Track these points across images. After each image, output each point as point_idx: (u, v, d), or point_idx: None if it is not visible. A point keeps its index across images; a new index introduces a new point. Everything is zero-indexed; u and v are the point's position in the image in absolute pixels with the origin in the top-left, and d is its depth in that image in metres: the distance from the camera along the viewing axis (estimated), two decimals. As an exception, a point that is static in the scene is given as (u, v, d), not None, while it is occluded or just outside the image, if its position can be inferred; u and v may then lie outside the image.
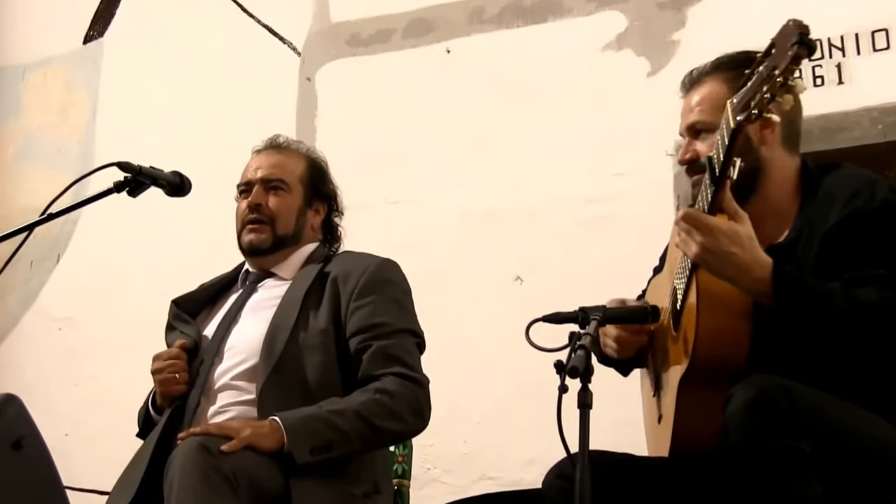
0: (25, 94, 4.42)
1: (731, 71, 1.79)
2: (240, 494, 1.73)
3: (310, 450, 1.87)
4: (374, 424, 1.95)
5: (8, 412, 1.93)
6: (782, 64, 1.38)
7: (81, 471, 3.34)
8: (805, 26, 1.38)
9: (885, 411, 1.61)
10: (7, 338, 4.14)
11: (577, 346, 1.48)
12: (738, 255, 1.57)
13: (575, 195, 3.31)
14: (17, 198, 4.20)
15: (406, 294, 2.18)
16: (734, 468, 1.50)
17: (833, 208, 1.70)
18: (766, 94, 1.41)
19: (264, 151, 2.32)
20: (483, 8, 3.63)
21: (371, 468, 2.04)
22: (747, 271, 1.58)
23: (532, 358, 1.61)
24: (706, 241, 1.57)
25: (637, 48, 3.35)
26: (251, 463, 1.80)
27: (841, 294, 1.58)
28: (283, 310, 2.10)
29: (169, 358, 2.09)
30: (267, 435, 1.86)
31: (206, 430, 1.87)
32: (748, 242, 1.58)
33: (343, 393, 2.02)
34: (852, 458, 1.53)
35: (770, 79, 1.40)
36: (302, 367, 2.02)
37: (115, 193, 2.00)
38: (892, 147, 3.03)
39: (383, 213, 3.49)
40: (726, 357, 1.61)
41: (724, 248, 1.57)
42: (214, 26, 4.07)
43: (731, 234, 1.57)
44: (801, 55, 1.36)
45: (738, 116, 1.47)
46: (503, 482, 3.07)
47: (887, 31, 3.02)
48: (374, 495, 2.01)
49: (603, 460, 1.68)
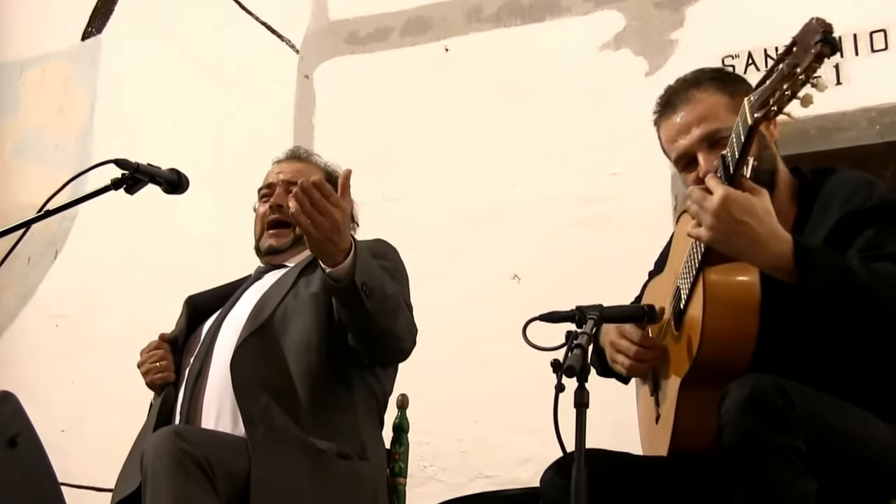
0: (23, 90, 4.42)
1: (715, 80, 1.78)
2: (213, 480, 1.73)
3: (362, 282, 1.88)
4: (397, 310, 2.00)
5: (3, 409, 1.94)
6: (805, 61, 1.36)
7: (77, 467, 3.35)
8: (828, 24, 1.36)
9: (880, 410, 1.61)
10: (4, 334, 4.14)
11: (574, 345, 1.47)
12: (752, 226, 1.52)
13: (573, 194, 3.31)
14: (14, 194, 4.19)
15: (398, 270, 2.19)
16: (729, 466, 1.50)
17: (832, 208, 1.70)
18: (786, 91, 1.39)
19: (285, 160, 2.41)
20: (481, 6, 3.63)
21: (354, 432, 2.02)
22: (763, 245, 1.53)
23: (529, 357, 1.61)
24: (718, 209, 1.52)
25: (635, 47, 3.35)
26: (221, 448, 1.81)
27: (862, 266, 1.56)
28: (277, 284, 2.15)
29: (150, 349, 2.14)
30: (346, 237, 1.87)
31: (320, 183, 1.83)
32: (764, 215, 1.53)
33: (324, 357, 2.03)
34: (847, 456, 1.53)
35: (791, 76, 1.38)
36: (287, 329, 2.05)
37: (113, 190, 1.99)
38: (889, 147, 3.03)
39: (380, 210, 3.49)
40: (731, 360, 1.59)
41: (736, 217, 1.51)
42: (213, 24, 4.07)
43: (744, 204, 1.52)
44: (825, 53, 1.35)
45: (756, 113, 1.44)
46: (499, 481, 3.07)
47: (885, 32, 3.02)
48: (360, 460, 1.99)
49: (599, 459, 1.68)
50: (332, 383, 2.04)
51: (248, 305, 2.13)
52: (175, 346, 2.17)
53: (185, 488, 1.70)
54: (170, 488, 1.69)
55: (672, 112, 1.81)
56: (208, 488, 1.72)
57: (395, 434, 2.23)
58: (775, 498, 1.46)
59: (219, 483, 1.74)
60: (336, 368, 2.05)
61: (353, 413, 2.04)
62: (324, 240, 1.86)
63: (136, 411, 2.26)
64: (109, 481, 2.09)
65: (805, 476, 1.46)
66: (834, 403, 1.56)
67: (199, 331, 2.20)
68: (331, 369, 2.04)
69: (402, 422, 2.24)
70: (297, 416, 1.96)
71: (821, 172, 1.80)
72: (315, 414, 1.97)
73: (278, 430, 1.91)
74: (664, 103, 1.84)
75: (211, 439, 1.85)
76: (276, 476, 1.84)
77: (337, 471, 1.93)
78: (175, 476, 1.70)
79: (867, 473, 1.55)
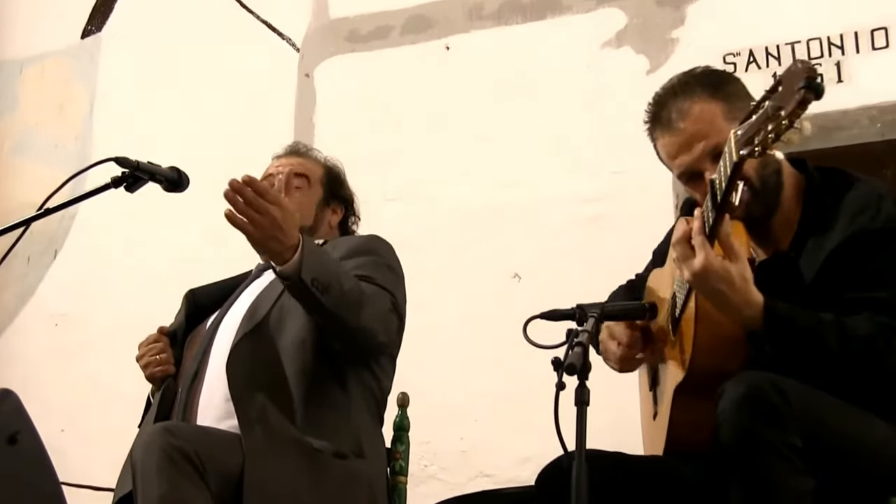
0: (23, 89, 4.42)
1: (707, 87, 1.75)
2: (203, 474, 1.72)
3: (312, 279, 1.84)
4: (360, 305, 1.94)
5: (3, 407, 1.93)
6: (788, 107, 1.34)
7: (77, 466, 3.35)
8: (812, 69, 1.33)
9: (877, 408, 1.60)
10: (3, 333, 4.14)
11: (575, 343, 1.47)
12: (727, 295, 1.56)
13: (573, 193, 3.31)
14: (13, 193, 4.20)
15: (391, 267, 2.16)
16: (726, 464, 1.50)
17: (838, 223, 1.69)
18: (770, 132, 1.37)
19: (284, 156, 2.40)
20: (482, 5, 3.63)
21: (349, 430, 2.01)
22: (737, 310, 1.58)
23: (529, 355, 1.61)
24: (698, 272, 1.56)
25: (636, 45, 3.35)
26: (212, 444, 1.80)
27: (833, 329, 1.57)
28: (273, 283, 2.12)
29: (149, 343, 2.13)
30: (290, 234, 1.83)
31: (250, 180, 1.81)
32: (740, 283, 1.56)
33: (319, 356, 2.02)
34: (844, 453, 1.53)
35: (775, 118, 1.36)
36: (282, 329, 2.04)
37: (113, 189, 1.99)
38: (890, 145, 3.03)
39: (381, 209, 3.49)
40: (722, 367, 1.61)
41: (713, 286, 1.56)
42: (213, 22, 4.07)
43: (722, 274, 1.55)
44: (809, 99, 1.32)
45: (742, 151, 1.43)
46: (499, 479, 3.07)
47: (886, 30, 3.02)
48: (355, 458, 1.98)
49: (599, 458, 1.68)
50: (327, 382, 2.03)
51: (244, 305, 2.12)
52: (174, 340, 2.16)
53: (175, 483, 1.69)
54: (159, 483, 1.68)
55: (668, 126, 1.78)
56: (199, 482, 1.71)
57: (396, 433, 2.22)
58: (772, 495, 1.46)
59: (209, 477, 1.73)
60: (331, 367, 2.04)
61: (349, 411, 2.03)
62: (266, 238, 1.83)
63: (135, 410, 2.26)
64: (109, 480, 2.08)
65: (802, 473, 1.46)
66: (829, 400, 1.56)
67: (200, 328, 2.19)
68: (326, 368, 2.03)
69: (402, 420, 2.24)
70: (293, 415, 1.95)
71: (828, 175, 1.78)
72: (311, 413, 1.96)
73: (275, 430, 1.89)
74: (657, 116, 1.81)
75: (202, 435, 1.84)
76: (273, 477, 1.83)
77: (333, 470, 1.92)
78: (165, 470, 1.68)
79: (865, 471, 1.55)
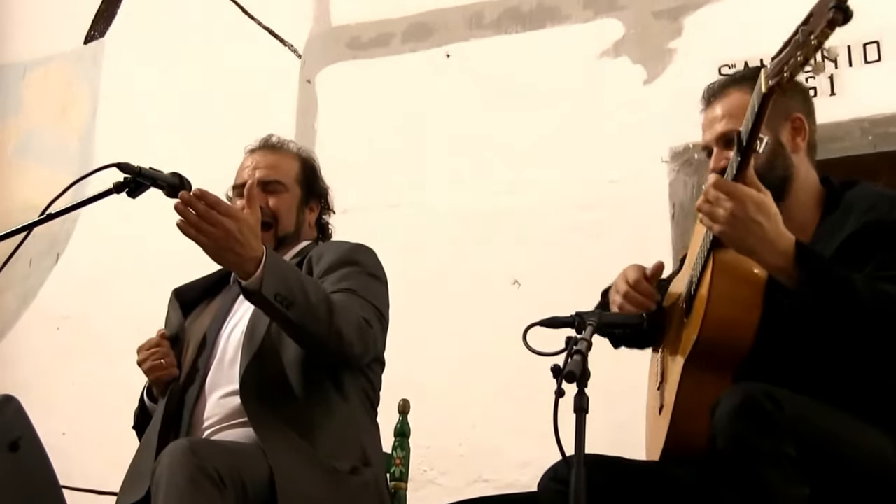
0: (26, 92, 4.43)
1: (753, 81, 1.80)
2: (225, 495, 1.71)
3: (274, 294, 1.82)
4: (330, 316, 1.90)
5: (6, 413, 1.93)
6: (818, 27, 1.39)
7: (79, 470, 3.35)
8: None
9: (874, 418, 1.62)
10: (6, 336, 4.13)
11: (574, 350, 1.48)
12: (764, 226, 1.57)
13: (572, 200, 3.33)
14: (16, 196, 4.20)
15: (372, 275, 2.12)
16: (722, 472, 1.51)
17: (850, 219, 1.72)
18: (799, 57, 1.42)
19: (258, 151, 2.30)
20: (482, 13, 3.65)
21: (356, 440, 2.01)
22: (771, 243, 1.58)
23: (528, 361, 1.63)
24: (735, 206, 1.57)
25: (634, 55, 3.38)
26: (237, 463, 1.78)
27: (864, 281, 1.58)
28: None
29: (150, 347, 2.10)
30: (249, 246, 1.81)
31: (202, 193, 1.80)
32: (774, 216, 1.58)
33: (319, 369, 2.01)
34: (839, 462, 1.54)
35: (805, 44, 1.41)
36: (279, 351, 2.01)
37: (115, 194, 1.98)
38: (882, 157, 3.05)
39: (382, 215, 3.51)
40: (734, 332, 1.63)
41: (751, 216, 1.56)
42: (215, 28, 4.08)
43: (759, 203, 1.57)
44: (837, 19, 1.36)
45: (771, 81, 1.48)
46: (498, 484, 3.08)
47: (878, 44, 3.04)
48: (364, 468, 1.98)
49: (598, 464, 1.69)
50: (329, 393, 2.02)
51: (244, 322, 2.08)
52: (174, 343, 2.14)
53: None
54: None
55: (707, 104, 1.88)
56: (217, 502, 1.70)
57: (397, 439, 2.23)
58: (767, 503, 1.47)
59: (228, 493, 1.72)
60: (331, 377, 2.03)
61: (353, 421, 2.03)
62: (220, 250, 1.81)
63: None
64: (111, 484, 2.08)
65: (796, 482, 1.47)
66: (824, 410, 1.57)
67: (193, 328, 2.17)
68: (327, 380, 2.03)
69: (403, 427, 2.25)
70: (312, 437, 1.94)
71: (846, 183, 1.83)
72: (324, 433, 1.96)
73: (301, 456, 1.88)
74: (707, 94, 1.90)
75: (225, 454, 1.80)
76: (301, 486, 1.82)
77: (350, 486, 1.93)
78: (189, 495, 1.67)
79: (859, 479, 1.57)
